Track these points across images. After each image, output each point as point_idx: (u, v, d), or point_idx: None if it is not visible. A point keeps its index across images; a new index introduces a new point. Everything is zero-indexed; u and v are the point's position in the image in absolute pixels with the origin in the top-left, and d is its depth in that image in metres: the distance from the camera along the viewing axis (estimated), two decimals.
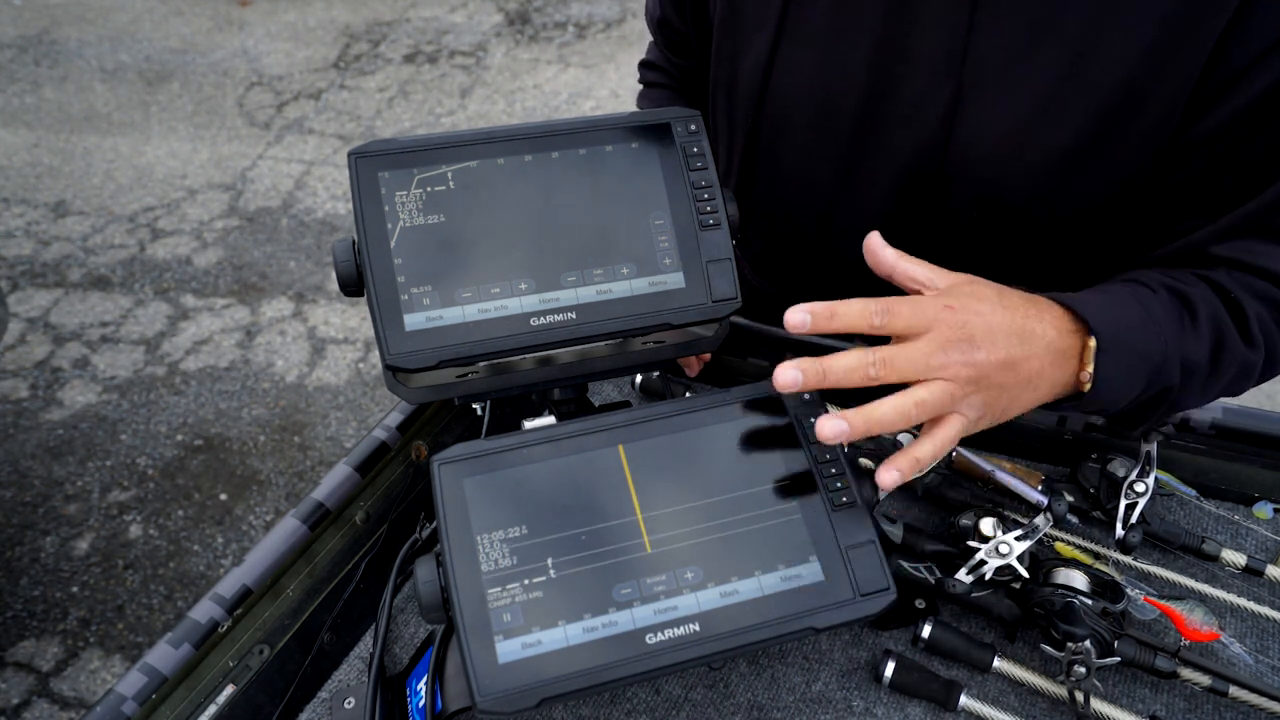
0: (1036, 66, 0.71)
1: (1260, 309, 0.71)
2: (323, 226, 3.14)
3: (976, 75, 0.73)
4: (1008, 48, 0.72)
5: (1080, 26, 0.69)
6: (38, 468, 2.35)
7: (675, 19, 0.98)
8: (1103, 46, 0.69)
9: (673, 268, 0.68)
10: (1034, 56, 0.71)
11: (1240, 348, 0.70)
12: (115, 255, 3.04)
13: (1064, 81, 0.71)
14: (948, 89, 0.75)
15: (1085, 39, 0.69)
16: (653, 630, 0.57)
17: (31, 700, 1.87)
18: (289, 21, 4.41)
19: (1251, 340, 0.70)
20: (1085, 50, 0.69)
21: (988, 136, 0.75)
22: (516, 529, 0.58)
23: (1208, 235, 0.72)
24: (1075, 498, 0.83)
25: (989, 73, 0.73)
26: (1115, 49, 0.68)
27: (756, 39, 0.83)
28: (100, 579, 2.10)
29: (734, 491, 0.62)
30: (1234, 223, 0.71)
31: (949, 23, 0.73)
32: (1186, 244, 0.74)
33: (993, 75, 0.73)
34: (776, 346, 0.99)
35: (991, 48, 0.72)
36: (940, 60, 0.74)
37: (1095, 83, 0.70)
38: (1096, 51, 0.69)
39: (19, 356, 2.67)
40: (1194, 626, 0.72)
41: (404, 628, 0.80)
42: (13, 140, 3.61)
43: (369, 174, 0.65)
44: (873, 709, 0.72)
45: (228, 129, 3.65)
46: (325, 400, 2.52)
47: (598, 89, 3.83)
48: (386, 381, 0.69)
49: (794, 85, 0.82)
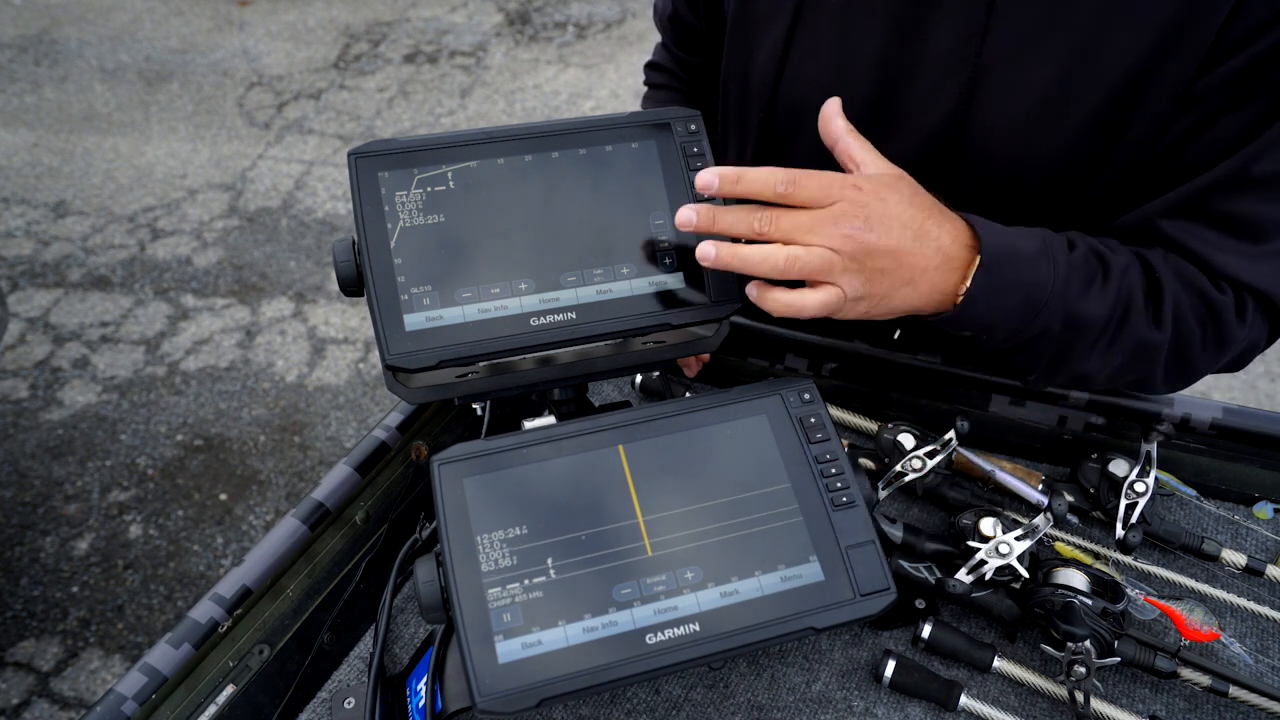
0: (1048, 54, 0.71)
1: (1183, 296, 0.71)
2: (323, 226, 3.14)
3: (991, 64, 0.74)
4: (1023, 35, 0.72)
5: (1092, 11, 0.69)
6: (38, 468, 2.35)
7: (687, 15, 0.97)
8: (1114, 30, 0.69)
9: (673, 267, 0.68)
10: (1046, 44, 0.71)
11: (1144, 324, 0.70)
12: (115, 255, 3.04)
13: (1075, 68, 0.71)
14: (961, 79, 0.75)
15: (1099, 23, 0.69)
16: (653, 630, 0.57)
17: (31, 700, 1.87)
18: (289, 21, 4.41)
19: (1160, 321, 0.70)
20: (1097, 34, 0.69)
21: (1000, 125, 0.75)
22: (516, 529, 0.58)
23: (1157, 207, 0.72)
24: (1075, 498, 0.83)
25: (1004, 61, 0.73)
26: (1127, 33, 0.68)
27: (770, 34, 0.83)
28: (100, 579, 2.10)
29: (734, 492, 0.62)
30: (1180, 197, 0.71)
31: (966, 13, 0.73)
32: (1139, 215, 0.74)
33: (1006, 64, 0.73)
34: (776, 346, 0.99)
35: (1007, 36, 0.72)
36: (956, 50, 0.74)
37: (1107, 68, 0.70)
38: (1108, 36, 0.69)
39: (19, 356, 2.67)
40: (1194, 626, 0.72)
41: (404, 628, 0.80)
42: (13, 140, 3.61)
43: (369, 174, 0.65)
44: (873, 709, 0.72)
45: (228, 129, 3.65)
46: (325, 400, 2.52)
47: (598, 89, 3.83)
48: (386, 381, 0.69)
49: (807, 79, 0.82)
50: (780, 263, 0.61)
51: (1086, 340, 0.70)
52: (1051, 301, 0.67)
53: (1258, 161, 0.68)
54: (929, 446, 0.82)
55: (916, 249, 0.63)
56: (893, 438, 0.83)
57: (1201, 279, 0.71)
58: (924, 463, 0.81)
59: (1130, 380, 0.76)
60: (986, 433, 0.92)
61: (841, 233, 0.61)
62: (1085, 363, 0.72)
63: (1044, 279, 0.67)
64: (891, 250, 0.63)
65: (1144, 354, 0.72)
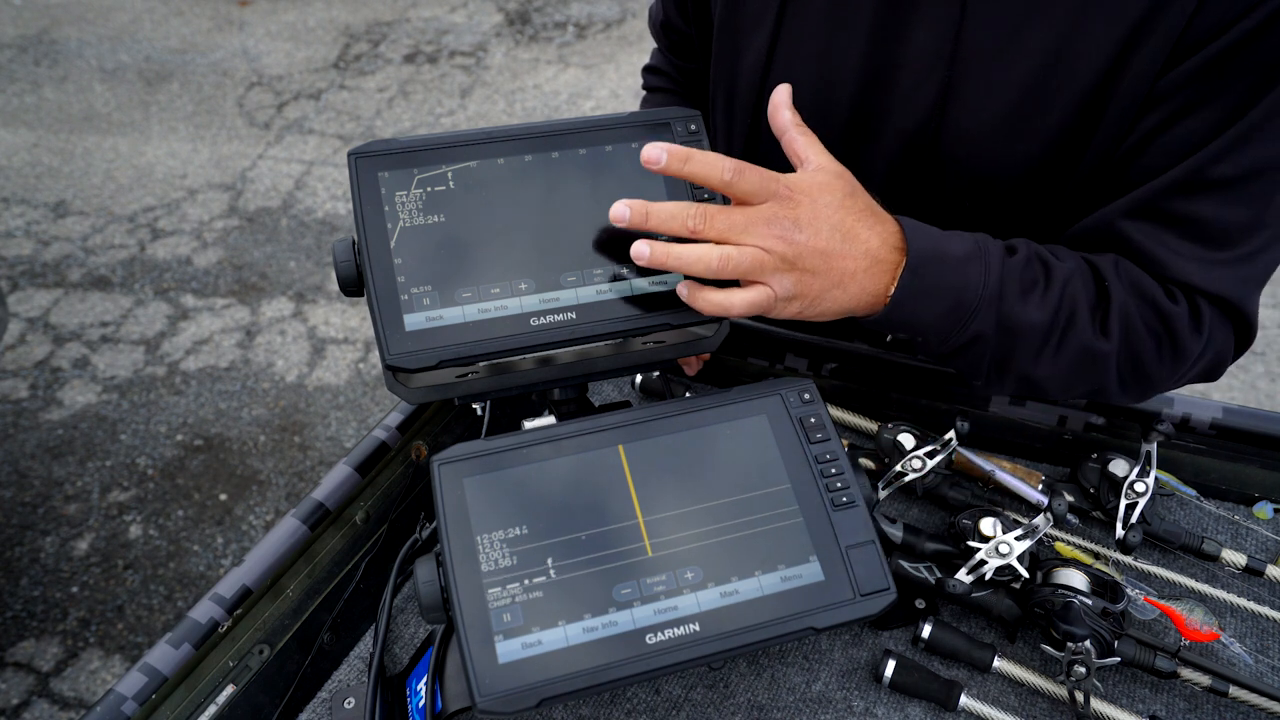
0: (1025, 51, 0.71)
1: (1132, 305, 0.70)
2: (323, 226, 3.14)
3: (967, 63, 0.74)
4: (998, 33, 0.72)
5: (1066, 10, 0.69)
6: (38, 468, 2.35)
7: (678, 21, 0.98)
8: (1088, 30, 0.69)
9: None
10: (1023, 41, 0.71)
11: (1088, 332, 0.69)
12: (115, 255, 3.04)
13: (1051, 65, 0.71)
14: (939, 77, 0.75)
15: (1072, 22, 0.69)
16: (653, 630, 0.57)
17: (31, 700, 1.87)
18: (289, 21, 4.41)
19: (1106, 330, 0.70)
20: (1071, 32, 0.69)
21: (978, 123, 0.75)
22: (516, 529, 0.58)
23: (1118, 208, 0.72)
24: (1075, 498, 0.83)
25: (980, 59, 0.73)
26: (1100, 32, 0.68)
27: (755, 39, 0.84)
28: (100, 579, 2.10)
29: (734, 492, 0.62)
30: (1140, 198, 0.70)
31: (942, 12, 0.73)
32: (1099, 216, 0.73)
33: (983, 62, 0.73)
34: (776, 346, 0.99)
35: (982, 35, 0.73)
36: (933, 50, 0.75)
37: (1081, 67, 0.70)
38: (1082, 35, 0.69)
39: (19, 356, 2.67)
40: (1194, 626, 0.72)
41: (404, 628, 0.80)
42: (13, 140, 3.61)
43: (369, 174, 0.65)
44: (873, 709, 0.72)
45: (228, 129, 3.65)
46: (325, 400, 2.52)
47: (598, 89, 3.83)
48: (386, 381, 0.69)
49: (792, 82, 0.83)
50: (714, 263, 0.61)
51: (1028, 346, 0.70)
52: (983, 305, 0.67)
53: (1217, 163, 0.67)
54: (929, 446, 0.82)
55: (845, 250, 0.64)
56: (893, 438, 0.83)
57: (1155, 288, 0.70)
58: (924, 463, 0.81)
59: (1084, 390, 0.75)
60: (986, 433, 0.92)
61: (774, 233, 0.61)
62: (1030, 369, 0.71)
63: (974, 282, 0.67)
64: (820, 251, 0.63)
65: (1091, 363, 0.71)
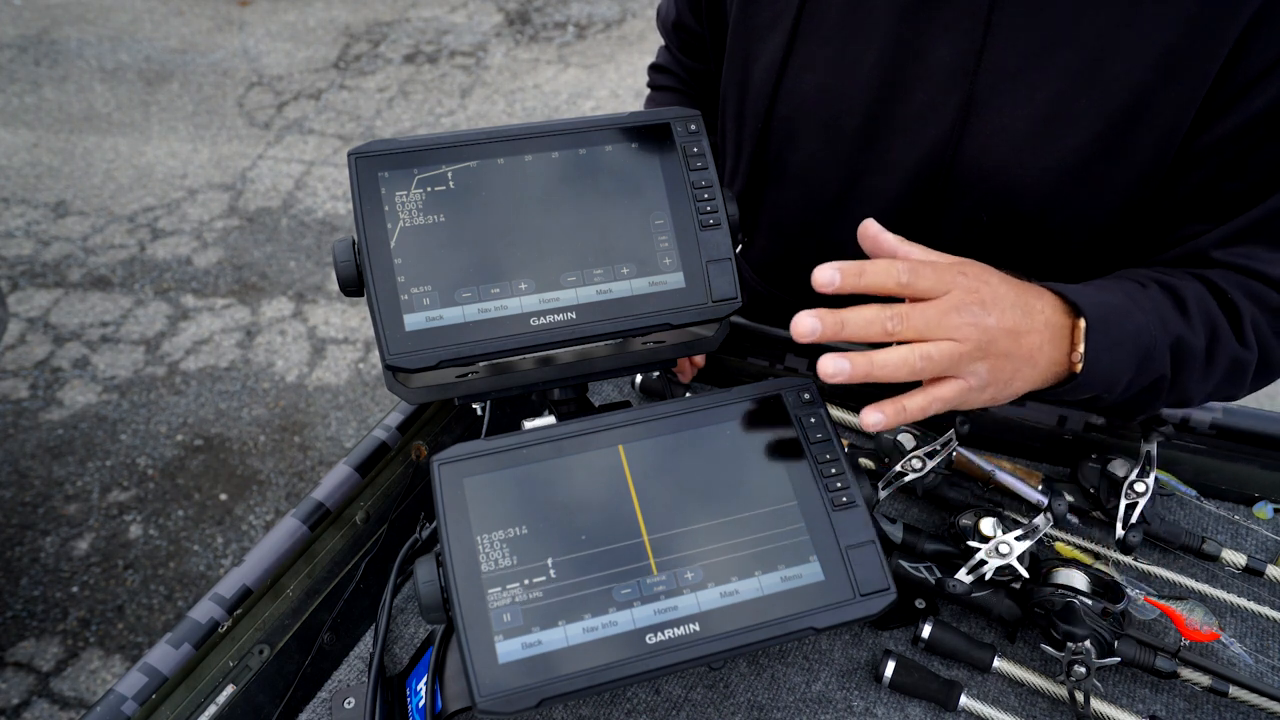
0: (1051, 73, 0.71)
1: (1255, 312, 0.71)
2: (323, 226, 3.14)
3: (990, 81, 0.73)
4: (1023, 53, 0.72)
5: (1096, 32, 0.69)
6: (38, 468, 2.35)
7: (690, 21, 0.98)
8: (1118, 52, 0.69)
9: (673, 268, 0.68)
10: (1048, 63, 0.71)
11: (1233, 344, 0.70)
12: (115, 255, 3.04)
13: (1077, 88, 0.70)
14: (959, 94, 0.74)
15: (1101, 45, 0.69)
16: (653, 630, 0.57)
17: (31, 700, 1.87)
18: (289, 21, 4.41)
19: (1244, 339, 0.70)
20: (1100, 56, 0.69)
21: (999, 143, 0.75)
22: (516, 529, 0.58)
23: (1211, 240, 0.72)
24: (1075, 498, 0.83)
25: (1002, 79, 0.73)
26: (1130, 55, 0.68)
27: (771, 40, 0.83)
28: (100, 579, 2.10)
29: (734, 492, 0.62)
30: (1238, 228, 0.71)
31: (965, 28, 0.73)
32: (1190, 248, 0.74)
33: (1006, 81, 0.73)
34: (776, 347, 0.99)
35: (1006, 54, 0.72)
36: (954, 66, 0.74)
37: (1108, 89, 0.70)
38: (1111, 57, 0.69)
39: (19, 356, 2.67)
40: (1194, 626, 0.72)
41: (404, 628, 0.80)
42: (13, 140, 3.61)
43: (369, 174, 0.65)
44: (873, 709, 0.72)
45: (228, 129, 3.65)
46: (325, 400, 2.51)
47: (598, 89, 3.83)
48: (386, 381, 0.69)
49: (806, 87, 0.82)
50: (917, 364, 0.58)
51: (1193, 370, 0.70)
52: (1158, 345, 0.67)
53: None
54: (929, 446, 0.82)
55: (1029, 325, 0.62)
56: (893, 438, 0.83)
57: (1269, 294, 0.71)
58: (924, 463, 0.81)
59: (1220, 397, 0.76)
60: (986, 433, 0.92)
61: (965, 321, 0.59)
62: (1193, 391, 0.72)
63: (1144, 325, 0.66)
64: (1010, 330, 0.60)
65: (1239, 373, 0.72)
